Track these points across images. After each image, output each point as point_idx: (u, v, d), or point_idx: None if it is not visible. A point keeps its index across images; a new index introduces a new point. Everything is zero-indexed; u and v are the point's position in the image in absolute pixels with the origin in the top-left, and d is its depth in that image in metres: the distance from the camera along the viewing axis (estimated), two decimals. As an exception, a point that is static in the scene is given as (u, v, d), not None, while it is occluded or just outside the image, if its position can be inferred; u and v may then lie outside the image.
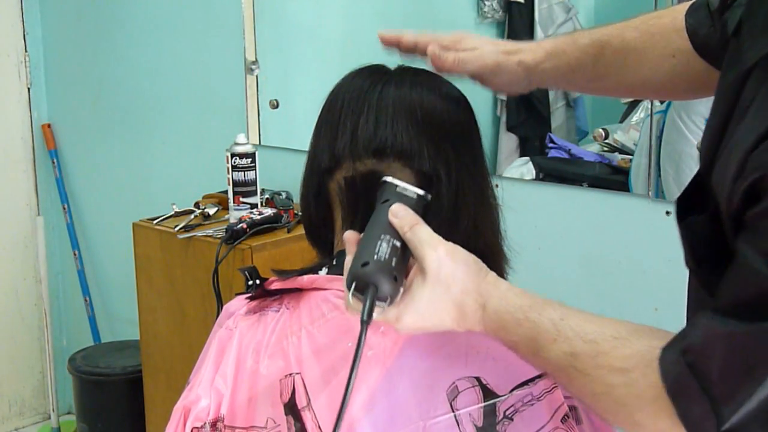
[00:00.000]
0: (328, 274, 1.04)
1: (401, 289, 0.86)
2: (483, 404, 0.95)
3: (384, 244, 0.87)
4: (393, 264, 0.86)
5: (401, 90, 1.04)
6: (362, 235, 0.90)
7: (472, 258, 0.89)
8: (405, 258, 0.88)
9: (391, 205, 0.90)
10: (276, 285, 1.04)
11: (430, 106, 1.04)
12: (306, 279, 1.02)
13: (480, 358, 0.97)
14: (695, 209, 0.82)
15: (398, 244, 0.87)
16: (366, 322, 0.84)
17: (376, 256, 0.86)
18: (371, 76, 1.07)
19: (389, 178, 0.95)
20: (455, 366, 0.96)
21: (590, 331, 0.80)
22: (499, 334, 0.87)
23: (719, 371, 0.71)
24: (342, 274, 1.03)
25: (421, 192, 0.95)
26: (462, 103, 1.08)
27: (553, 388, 0.99)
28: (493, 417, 0.95)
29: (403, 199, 0.93)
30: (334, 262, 1.05)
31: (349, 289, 0.85)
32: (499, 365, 0.97)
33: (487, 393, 0.95)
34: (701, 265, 0.84)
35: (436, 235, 0.88)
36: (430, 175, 1.01)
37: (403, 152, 1.01)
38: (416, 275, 0.87)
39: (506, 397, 0.96)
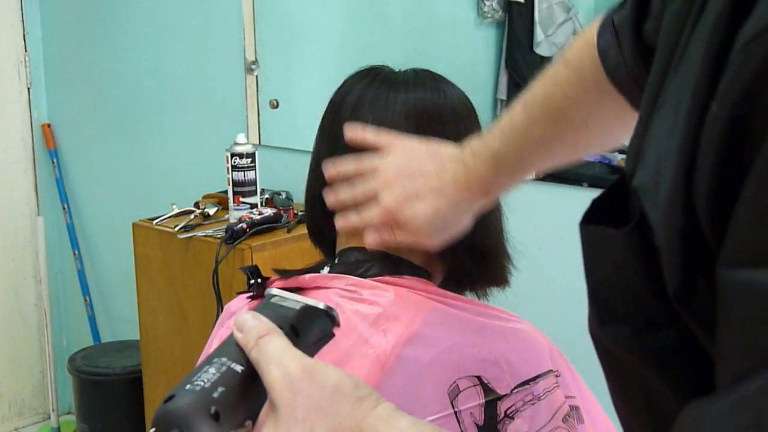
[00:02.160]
0: (329, 272, 1.04)
1: None
2: (484, 402, 0.95)
3: (211, 370, 0.60)
4: (216, 395, 0.59)
5: (406, 91, 1.05)
6: None
7: (348, 381, 0.61)
8: (251, 390, 0.61)
9: None
10: (277, 284, 1.04)
11: (433, 107, 1.04)
12: (308, 278, 1.03)
13: (481, 357, 0.97)
14: (611, 221, 0.55)
15: (238, 368, 0.61)
16: None
17: (189, 386, 0.59)
18: (374, 76, 1.08)
19: (273, 290, 0.70)
20: (456, 365, 0.96)
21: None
22: None
23: None
24: (344, 273, 1.03)
25: (312, 302, 0.67)
26: (465, 103, 1.09)
27: (554, 387, 0.99)
28: (494, 416, 0.95)
29: (279, 311, 0.66)
30: (336, 261, 1.05)
31: None
32: (500, 364, 0.97)
33: (488, 392, 0.95)
34: (608, 320, 0.57)
35: (293, 349, 0.61)
36: None
37: None
38: (267, 416, 0.60)
39: (507, 396, 0.96)
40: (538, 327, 1.04)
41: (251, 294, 1.07)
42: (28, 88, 3.32)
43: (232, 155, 2.25)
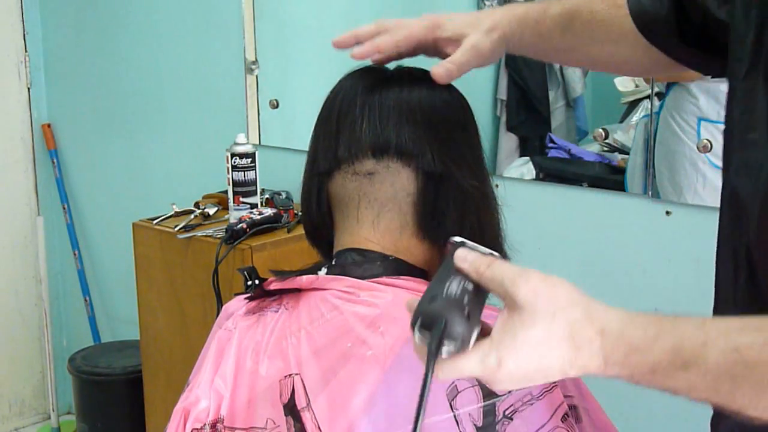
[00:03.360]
0: (327, 274, 1.04)
1: (475, 332, 0.76)
2: (482, 404, 0.95)
3: (454, 284, 0.78)
4: (465, 302, 0.77)
5: (400, 90, 1.05)
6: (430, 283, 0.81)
7: (569, 284, 0.78)
8: (479, 301, 0.79)
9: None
10: (275, 285, 1.04)
11: (429, 106, 1.04)
12: (305, 279, 1.02)
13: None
14: None
15: (470, 286, 0.79)
16: (435, 353, 0.75)
17: (445, 293, 0.77)
18: (370, 76, 1.08)
19: (456, 238, 0.83)
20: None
21: (742, 325, 0.69)
22: (630, 359, 0.72)
23: None
24: (341, 274, 1.03)
25: (494, 252, 0.83)
26: (461, 102, 1.09)
27: (552, 387, 0.99)
28: (493, 416, 0.95)
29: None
30: (333, 262, 1.05)
31: (414, 326, 0.76)
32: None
33: (487, 392, 0.95)
34: None
35: (520, 267, 0.77)
36: (433, 174, 1.01)
37: (405, 152, 1.01)
38: (508, 317, 0.75)
39: (505, 396, 0.96)
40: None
41: (249, 295, 1.07)
42: (28, 88, 3.31)
43: (232, 155, 2.25)
